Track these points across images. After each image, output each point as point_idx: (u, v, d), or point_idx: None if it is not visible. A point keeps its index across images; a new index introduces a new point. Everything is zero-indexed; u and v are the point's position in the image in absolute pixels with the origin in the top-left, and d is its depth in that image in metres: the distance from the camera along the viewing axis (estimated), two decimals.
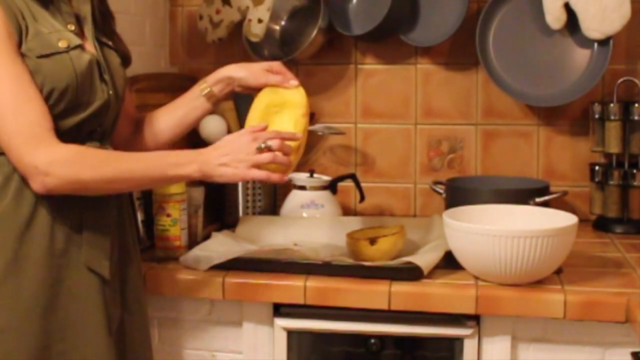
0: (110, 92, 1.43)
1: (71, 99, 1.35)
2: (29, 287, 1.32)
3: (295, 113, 1.54)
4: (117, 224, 1.45)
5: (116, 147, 1.49)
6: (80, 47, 1.38)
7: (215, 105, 1.63)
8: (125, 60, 1.54)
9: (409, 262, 1.57)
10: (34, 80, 1.31)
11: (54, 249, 1.35)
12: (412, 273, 1.56)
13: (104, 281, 1.40)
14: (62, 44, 1.35)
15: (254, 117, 1.55)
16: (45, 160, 1.29)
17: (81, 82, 1.36)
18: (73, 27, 1.40)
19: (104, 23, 1.51)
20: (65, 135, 1.36)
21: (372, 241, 1.64)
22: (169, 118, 1.62)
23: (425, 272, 1.57)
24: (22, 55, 1.31)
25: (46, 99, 1.32)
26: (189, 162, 1.39)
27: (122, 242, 1.47)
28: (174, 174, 1.39)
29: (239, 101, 2.11)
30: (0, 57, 1.28)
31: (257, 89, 1.59)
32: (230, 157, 1.41)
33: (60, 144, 1.31)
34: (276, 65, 1.61)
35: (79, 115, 1.38)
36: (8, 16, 1.30)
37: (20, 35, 1.31)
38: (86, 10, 1.45)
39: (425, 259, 1.59)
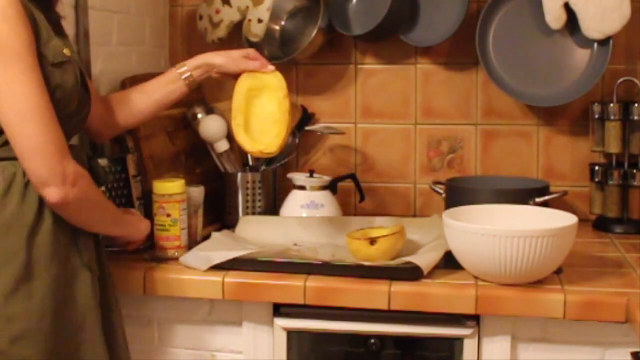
0: (89, 95, 1.45)
1: (72, 106, 1.36)
2: (40, 293, 1.31)
3: (277, 95, 1.67)
4: None
5: (94, 128, 1.59)
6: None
7: (191, 90, 1.71)
8: None
9: (409, 262, 1.57)
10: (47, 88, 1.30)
11: (59, 252, 1.35)
12: (412, 273, 1.56)
13: (93, 280, 1.41)
14: (67, 52, 1.35)
15: (238, 100, 1.68)
16: (75, 172, 1.31)
17: (79, 90, 1.37)
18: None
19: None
20: None
21: (372, 241, 1.64)
22: (147, 100, 1.68)
23: (425, 272, 1.57)
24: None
25: (55, 107, 1.31)
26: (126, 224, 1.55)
27: (96, 237, 1.48)
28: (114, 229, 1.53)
29: None
30: (30, 66, 1.26)
31: (236, 76, 1.70)
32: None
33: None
34: (252, 52, 1.74)
35: (74, 120, 1.39)
36: (30, 24, 1.28)
37: (38, 43, 1.30)
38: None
39: (425, 259, 1.59)
